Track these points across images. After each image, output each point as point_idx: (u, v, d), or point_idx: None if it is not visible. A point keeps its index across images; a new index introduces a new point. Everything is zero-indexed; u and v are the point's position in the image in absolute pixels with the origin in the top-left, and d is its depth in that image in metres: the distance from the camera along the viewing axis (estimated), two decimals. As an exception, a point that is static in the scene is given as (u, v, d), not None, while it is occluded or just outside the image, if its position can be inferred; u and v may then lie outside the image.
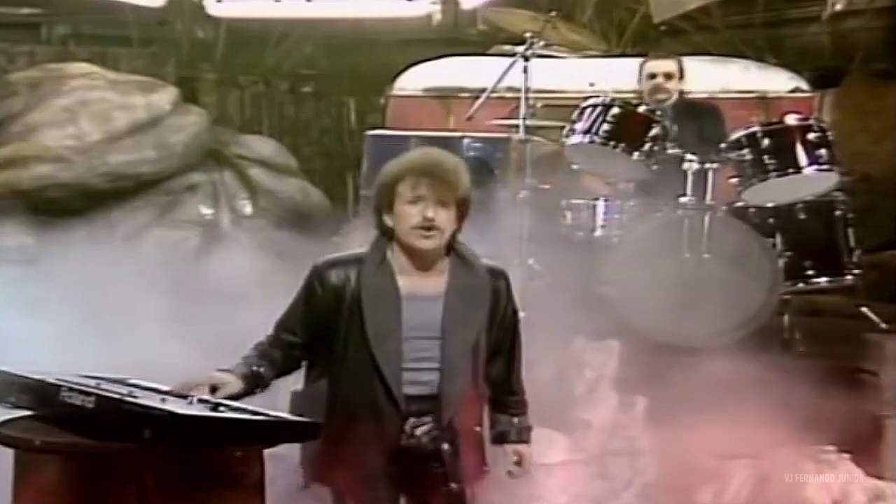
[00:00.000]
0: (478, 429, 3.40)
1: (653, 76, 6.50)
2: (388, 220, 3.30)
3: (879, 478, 4.81)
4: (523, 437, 3.48)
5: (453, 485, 3.31)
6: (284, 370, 3.38)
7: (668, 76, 6.51)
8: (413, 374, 3.26)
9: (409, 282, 3.29)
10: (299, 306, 3.36)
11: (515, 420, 3.47)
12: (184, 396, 3.10)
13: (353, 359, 3.27)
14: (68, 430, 2.95)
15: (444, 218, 3.25)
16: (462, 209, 3.30)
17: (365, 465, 3.27)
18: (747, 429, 5.34)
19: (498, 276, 3.39)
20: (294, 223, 7.13)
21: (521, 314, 5.92)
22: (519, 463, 3.45)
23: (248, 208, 7.09)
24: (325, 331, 3.31)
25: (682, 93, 6.55)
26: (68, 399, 2.99)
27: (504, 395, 3.46)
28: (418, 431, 3.28)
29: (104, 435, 2.88)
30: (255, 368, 3.30)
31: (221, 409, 3.03)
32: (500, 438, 3.46)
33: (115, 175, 6.67)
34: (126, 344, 6.22)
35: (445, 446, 3.29)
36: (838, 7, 8.43)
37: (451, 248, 3.33)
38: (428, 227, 3.23)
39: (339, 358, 3.30)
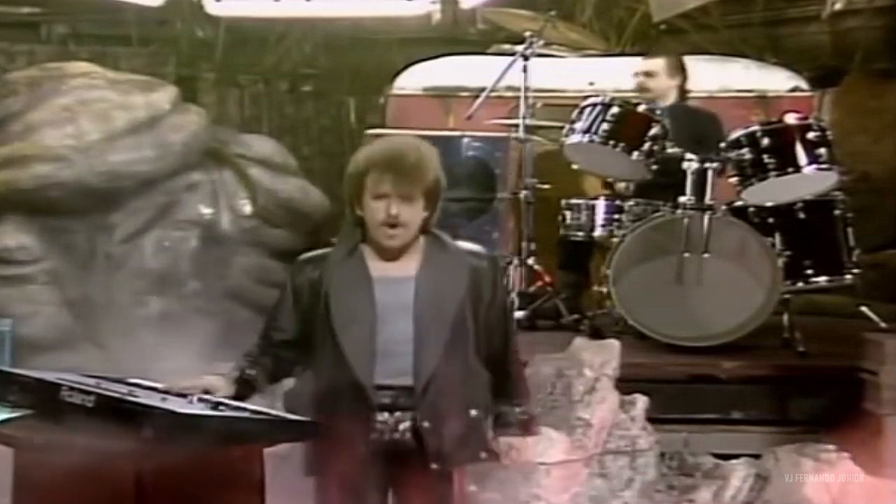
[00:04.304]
0: (473, 412, 3.32)
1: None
2: (359, 212, 3.32)
3: (879, 477, 4.81)
4: (526, 428, 3.45)
5: (434, 465, 3.26)
6: (277, 376, 3.38)
7: (649, 74, 6.54)
8: (393, 361, 3.24)
9: (380, 266, 3.30)
10: (286, 301, 3.37)
11: (517, 410, 3.44)
12: (183, 395, 3.10)
13: (328, 349, 3.26)
14: (68, 430, 2.95)
15: (409, 213, 3.26)
16: (431, 197, 3.30)
17: (349, 457, 3.24)
18: (747, 428, 5.35)
19: (480, 257, 3.39)
20: (294, 223, 7.13)
21: (521, 313, 6.02)
22: (512, 452, 3.41)
23: (247, 208, 7.08)
24: (309, 326, 3.32)
25: (683, 93, 6.55)
26: (68, 398, 2.99)
27: (502, 379, 3.42)
28: (402, 426, 3.26)
29: (104, 434, 2.88)
30: (246, 373, 3.31)
31: (221, 408, 3.04)
32: (500, 424, 3.41)
33: (114, 174, 6.64)
34: (125, 344, 6.24)
35: (426, 424, 3.24)
36: (838, 6, 8.42)
37: (426, 232, 3.34)
38: (392, 224, 3.24)
39: (318, 351, 3.30)
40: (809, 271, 5.88)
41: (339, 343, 3.23)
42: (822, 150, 5.69)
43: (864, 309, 6.08)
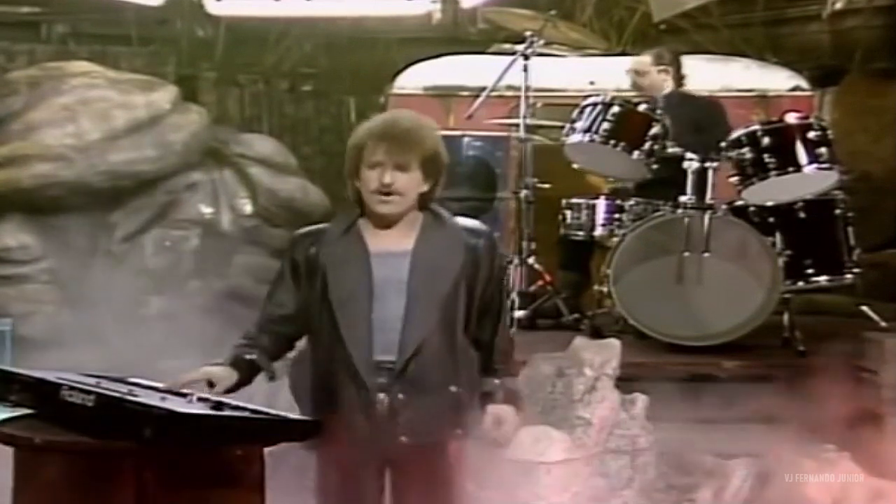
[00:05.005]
0: (454, 389, 3.28)
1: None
2: (357, 184, 3.31)
3: (879, 477, 4.81)
4: (511, 400, 3.38)
5: (403, 438, 3.23)
6: (276, 354, 3.36)
7: (638, 73, 6.55)
8: (387, 337, 3.21)
9: (378, 241, 3.28)
10: (284, 276, 3.35)
11: (497, 381, 3.37)
12: (183, 395, 3.10)
13: (325, 325, 3.24)
14: (68, 429, 2.95)
15: (405, 182, 3.24)
16: (429, 169, 3.29)
17: (346, 436, 3.22)
18: (747, 428, 5.35)
19: (478, 234, 3.34)
20: (294, 222, 7.13)
21: (521, 313, 6.02)
22: (498, 425, 3.32)
23: (248, 207, 7.09)
24: (307, 300, 3.30)
25: (679, 82, 6.56)
26: (68, 398, 2.99)
27: (490, 355, 3.38)
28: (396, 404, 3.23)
29: (104, 434, 2.88)
30: (247, 357, 3.28)
31: (221, 407, 3.03)
32: (486, 400, 3.36)
33: (114, 174, 6.66)
34: (126, 343, 6.25)
35: (400, 396, 3.22)
36: (838, 6, 8.43)
37: (426, 208, 3.32)
38: (385, 192, 3.23)
39: (316, 327, 3.28)
40: (810, 271, 5.88)
41: (336, 319, 3.21)
42: (823, 150, 5.69)
43: (864, 308, 6.08)
